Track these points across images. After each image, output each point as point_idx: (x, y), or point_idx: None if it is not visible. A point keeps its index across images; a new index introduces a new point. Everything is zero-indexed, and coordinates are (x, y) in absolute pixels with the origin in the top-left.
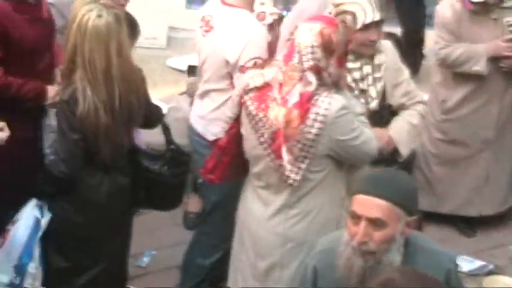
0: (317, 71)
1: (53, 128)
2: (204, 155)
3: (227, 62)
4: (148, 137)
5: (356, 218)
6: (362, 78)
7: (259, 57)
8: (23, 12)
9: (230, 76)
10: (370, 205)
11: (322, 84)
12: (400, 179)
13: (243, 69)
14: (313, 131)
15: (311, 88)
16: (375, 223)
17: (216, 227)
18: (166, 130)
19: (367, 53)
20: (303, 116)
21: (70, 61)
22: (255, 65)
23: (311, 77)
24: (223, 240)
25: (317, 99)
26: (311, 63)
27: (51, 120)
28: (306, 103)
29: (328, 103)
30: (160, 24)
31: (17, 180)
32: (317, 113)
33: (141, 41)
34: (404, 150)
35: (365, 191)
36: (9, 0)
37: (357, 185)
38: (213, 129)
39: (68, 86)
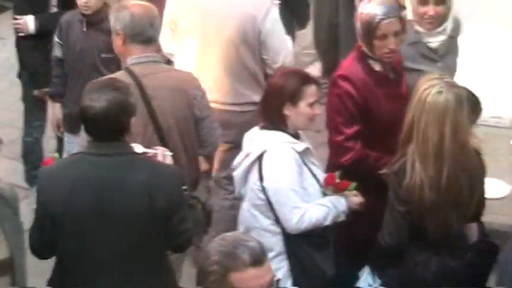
0: None
1: None
2: None
3: None
4: None
5: None
6: None
7: None
8: (383, 86)
9: None
10: None
11: None
12: None
13: None
14: None
15: None
16: None
17: None
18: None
19: None
20: None
21: (407, 133)
22: None
23: None
24: None
25: None
26: None
27: None
28: None
29: None
30: (505, 103)
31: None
32: None
33: (486, 119)
34: None
35: None
36: (372, 74)
37: None
38: None
39: (401, 158)
